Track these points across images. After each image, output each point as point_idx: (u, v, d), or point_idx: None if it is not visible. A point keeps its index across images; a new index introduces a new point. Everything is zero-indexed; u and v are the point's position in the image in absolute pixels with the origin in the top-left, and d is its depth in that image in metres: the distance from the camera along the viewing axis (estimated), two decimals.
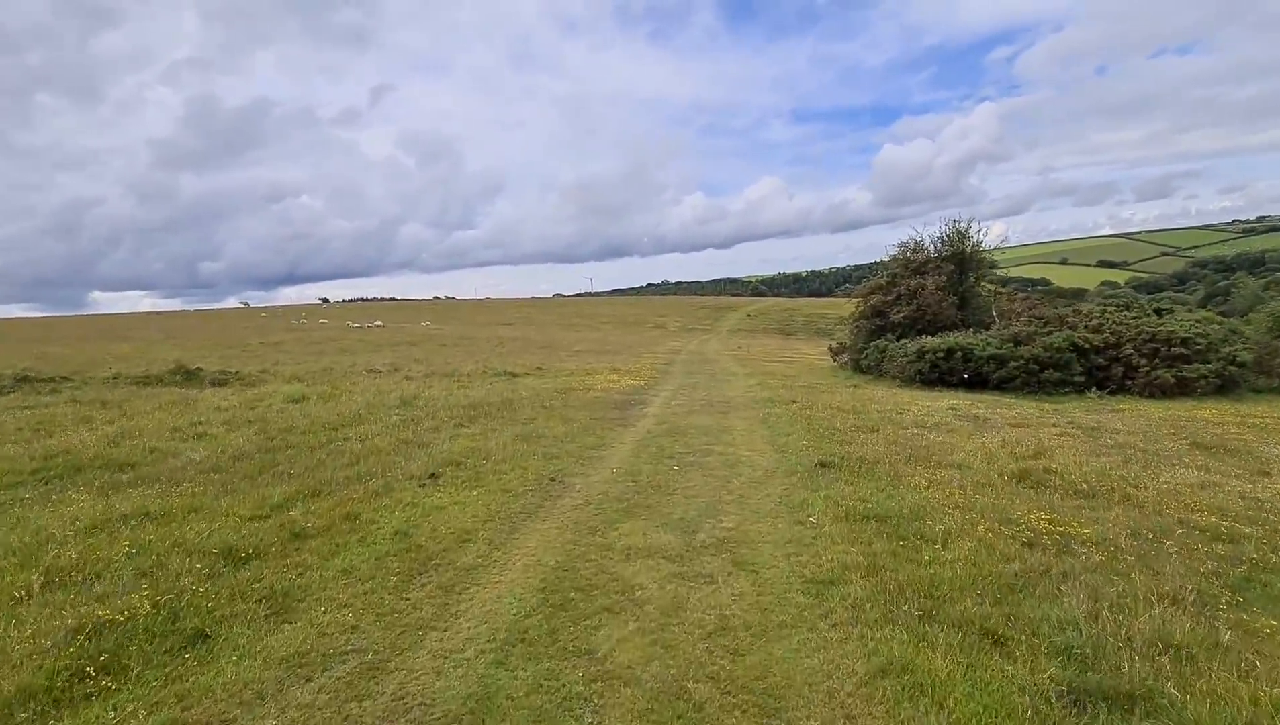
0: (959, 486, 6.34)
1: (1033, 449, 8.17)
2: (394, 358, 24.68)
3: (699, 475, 6.92)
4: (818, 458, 7.58)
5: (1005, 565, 4.17)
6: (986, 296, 21.89)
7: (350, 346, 32.39)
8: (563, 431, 9.32)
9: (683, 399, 13.81)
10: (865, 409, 12.29)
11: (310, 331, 46.18)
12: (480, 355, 27.32)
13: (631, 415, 11.41)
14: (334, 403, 11.70)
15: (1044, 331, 17.83)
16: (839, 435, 9.40)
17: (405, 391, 13.01)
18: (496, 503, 5.74)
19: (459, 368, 19.69)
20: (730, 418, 11.22)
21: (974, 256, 22.01)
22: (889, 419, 11.04)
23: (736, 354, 34.07)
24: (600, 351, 32.27)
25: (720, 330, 62.07)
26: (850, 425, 10.21)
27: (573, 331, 57.11)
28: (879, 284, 22.86)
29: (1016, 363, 16.41)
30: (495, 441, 8.32)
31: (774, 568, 4.35)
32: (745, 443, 8.91)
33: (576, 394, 13.98)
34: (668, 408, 12.43)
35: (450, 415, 10.37)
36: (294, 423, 9.44)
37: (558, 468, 7.15)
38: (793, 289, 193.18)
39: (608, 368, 21.56)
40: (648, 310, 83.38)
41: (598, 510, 5.63)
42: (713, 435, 9.43)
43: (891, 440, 9.04)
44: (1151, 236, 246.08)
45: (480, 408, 11.29)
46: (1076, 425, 10.68)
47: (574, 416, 10.79)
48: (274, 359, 23.80)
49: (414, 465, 6.88)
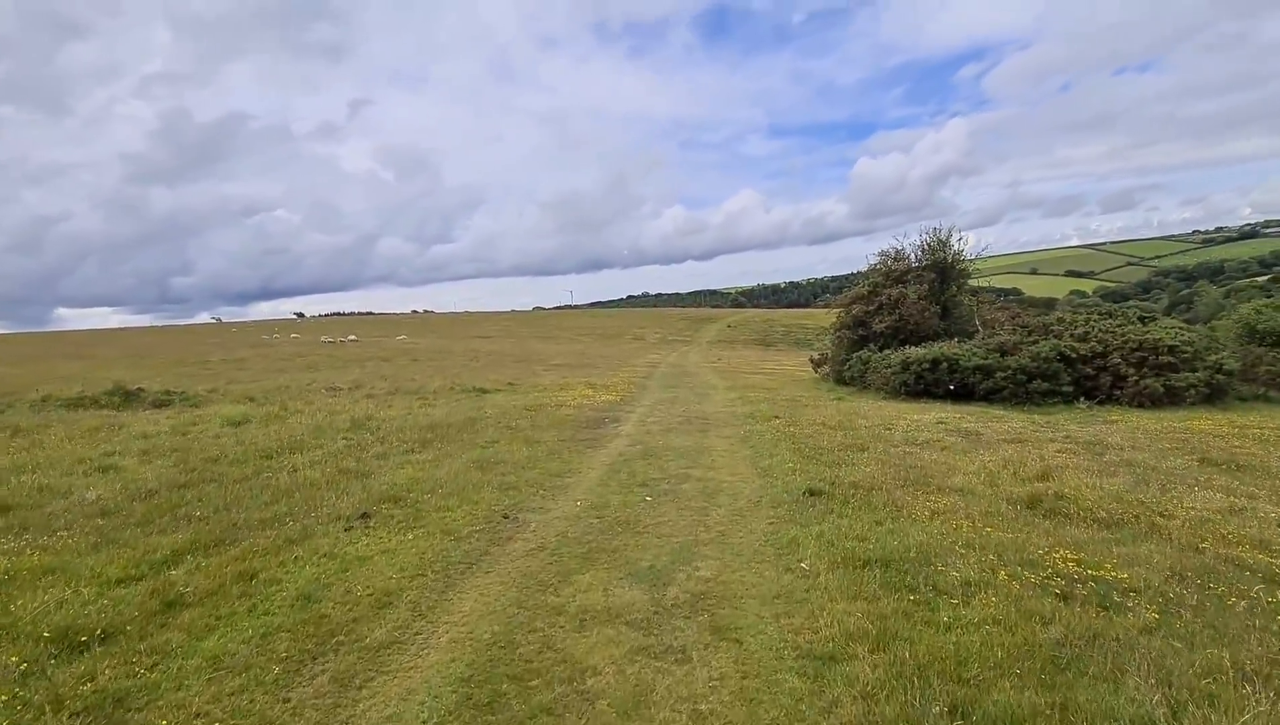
0: (966, 517, 5.61)
1: (1037, 469, 7.50)
2: (360, 374, 23.54)
3: (673, 507, 6.10)
4: (806, 484, 6.81)
5: (1042, 630, 3.41)
6: (969, 306, 21.50)
7: (317, 363, 31.09)
8: (525, 456, 8.44)
9: (659, 415, 13.01)
10: (852, 424, 11.60)
11: (278, 347, 44.59)
12: (452, 370, 26.27)
13: (604, 435, 10.57)
14: (278, 426, 10.68)
15: (1029, 341, 17.41)
16: (827, 455, 8.67)
17: (360, 412, 12.02)
18: (434, 550, 4.85)
19: (426, 384, 18.69)
20: (709, 436, 10.44)
21: (955, 265, 21.64)
22: (878, 436, 10.35)
23: (716, 366, 33.41)
24: (578, 365, 31.39)
25: (700, 342, 61.53)
26: (838, 443, 9.49)
27: (551, 344, 56.09)
28: (860, 293, 22.36)
29: (1004, 373, 15.91)
30: (447, 469, 7.42)
31: (761, 634, 3.54)
32: (726, 466, 8.12)
33: (547, 412, 13.11)
34: (643, 425, 11.62)
35: (403, 439, 9.43)
36: (224, 451, 8.44)
37: (514, 501, 6.28)
38: (771, 300, 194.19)
39: (583, 382, 20.71)
40: (627, 322, 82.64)
41: (553, 557, 4.78)
42: (690, 457, 8.63)
43: (883, 460, 8.32)
44: (1117, 247, 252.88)
45: (439, 429, 10.37)
46: (1074, 440, 10.09)
47: (541, 438, 9.92)
48: (230, 377, 22.52)
49: (346, 502, 5.96)
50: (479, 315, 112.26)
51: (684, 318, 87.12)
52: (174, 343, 54.17)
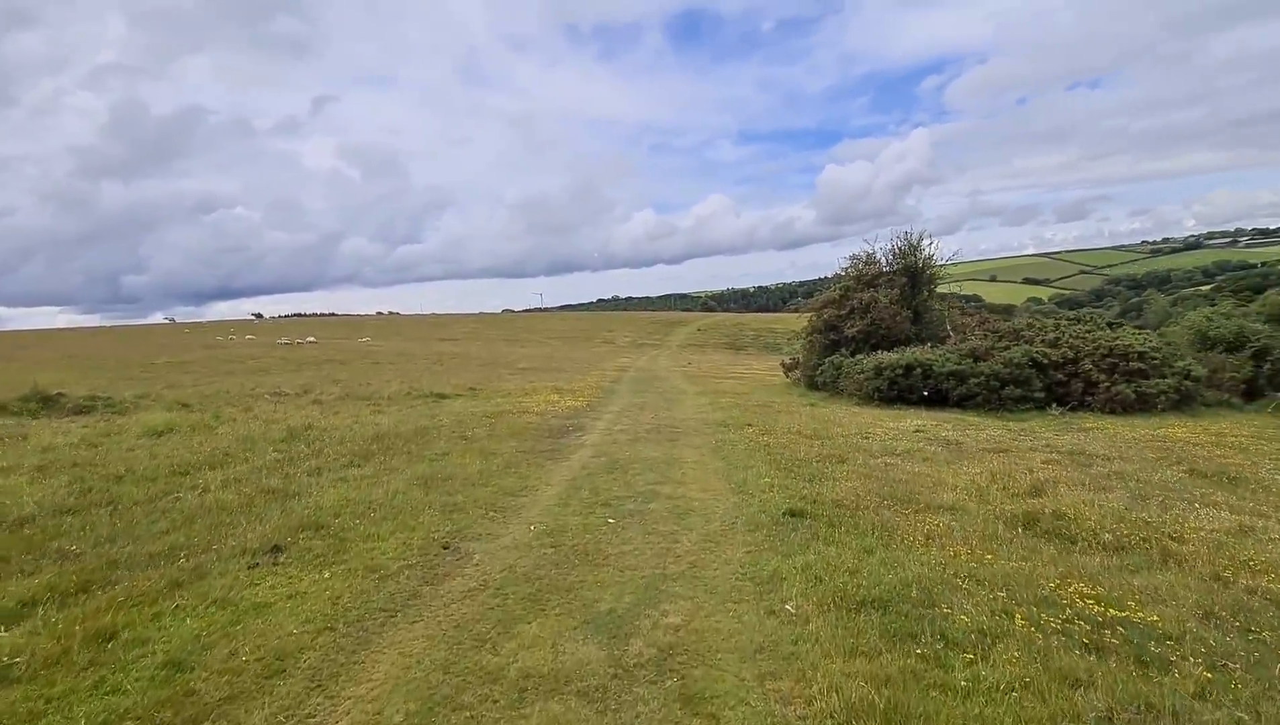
0: (962, 541, 5.06)
1: (1028, 484, 7.04)
2: (312, 378, 22.30)
3: (639, 531, 5.41)
4: (785, 502, 6.20)
5: (1080, 695, 2.83)
6: (940, 310, 21.36)
7: (269, 366, 29.57)
8: (477, 470, 7.66)
9: (627, 423, 12.33)
10: (828, 433, 11.09)
11: (231, 349, 42.59)
12: (412, 374, 25.16)
13: (567, 445, 9.84)
14: (204, 436, 9.67)
15: (1000, 346, 17.25)
16: (805, 468, 8.09)
17: (300, 420, 11.04)
18: (351, 592, 4.07)
19: (380, 389, 17.65)
20: (680, 446, 9.79)
21: (925, 269, 21.49)
22: (856, 446, 9.84)
23: (687, 370, 32.88)
24: (545, 368, 30.51)
25: (670, 345, 61.05)
26: (816, 454, 8.93)
27: (519, 347, 54.90)
28: (832, 297, 22.06)
29: (977, 379, 15.67)
30: (386, 488, 6.60)
31: (743, 706, 2.88)
32: (697, 480, 7.48)
33: (508, 419, 12.30)
34: (610, 434, 10.92)
35: (343, 451, 8.55)
36: (133, 466, 7.45)
37: (458, 526, 5.51)
38: (741, 304, 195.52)
39: (549, 387, 19.90)
40: (597, 325, 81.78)
41: (496, 598, 4.04)
42: (659, 470, 7.96)
43: (865, 474, 7.78)
44: (1071, 256, 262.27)
45: (385, 440, 9.49)
46: (1056, 449, 9.73)
47: (498, 449, 9.14)
48: (171, 381, 21.07)
49: (258, 531, 5.11)
50: (446, 317, 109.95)
51: (654, 321, 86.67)
52: (120, 344, 51.36)
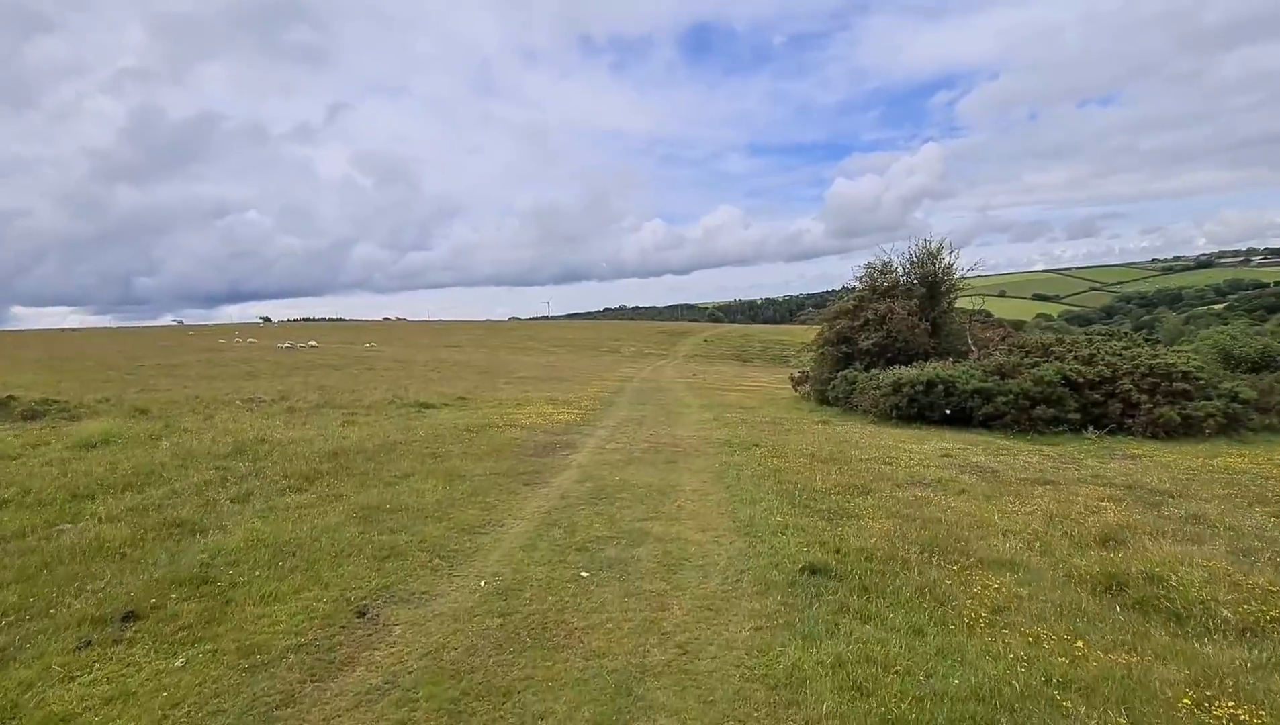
0: (1038, 617, 3.86)
1: (1094, 530, 5.81)
2: (297, 384, 21.24)
3: (618, 592, 4.24)
4: (802, 552, 5.00)
5: None
6: (960, 323, 20.13)
7: (259, 370, 28.56)
8: (437, 499, 6.50)
9: (623, 440, 11.15)
10: (845, 456, 9.88)
11: (227, 352, 41.73)
12: (403, 382, 24.09)
13: (551, 466, 8.67)
14: (143, 449, 8.56)
15: (1028, 362, 16.01)
16: (822, 501, 6.89)
17: (257, 432, 9.92)
18: (201, 695, 2.91)
19: (363, 397, 16.55)
20: (678, 470, 8.61)
21: (945, 279, 20.29)
22: (879, 473, 8.62)
23: (691, 382, 31.69)
24: (545, 378, 29.40)
25: (676, 355, 59.88)
26: (834, 484, 7.72)
27: (522, 356, 53.83)
28: (845, 308, 20.87)
29: (1005, 398, 14.42)
30: (316, 523, 5.45)
31: None
32: (696, 515, 6.29)
33: (491, 434, 11.16)
34: (601, 454, 9.75)
35: (289, 471, 7.40)
36: (30, 487, 6.33)
37: (387, 580, 4.35)
38: (748, 316, 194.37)
39: (544, 398, 18.76)
40: (603, 334, 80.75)
41: (399, 712, 2.87)
42: (651, 502, 6.78)
43: (894, 510, 6.57)
44: (1081, 272, 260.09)
45: (343, 458, 8.36)
46: (1108, 482, 8.47)
47: (468, 471, 7.98)
48: (146, 385, 20.05)
49: (122, 586, 3.96)
50: (452, 324, 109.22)
51: (660, 331, 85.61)
52: (117, 345, 50.58)
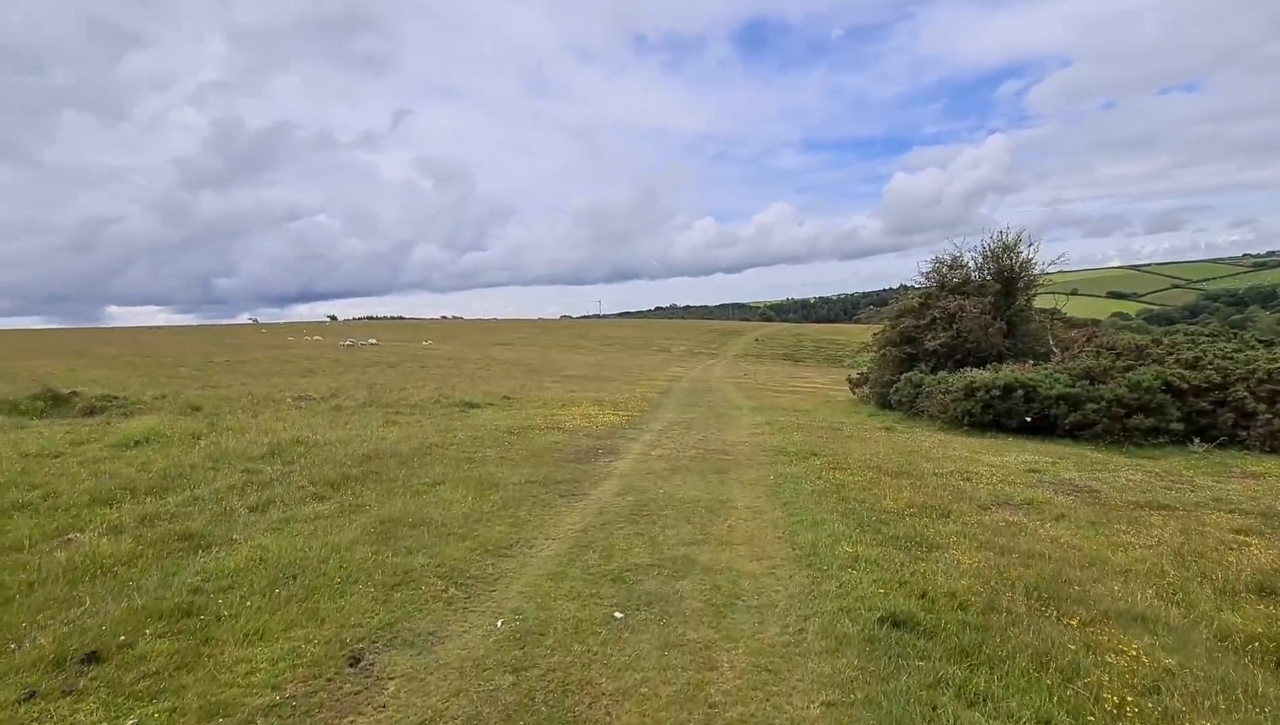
0: (1201, 705, 2.96)
1: (1244, 574, 4.75)
2: (350, 381, 21.48)
3: (655, 642, 3.56)
4: (880, 594, 4.20)
5: None
6: (1039, 323, 18.48)
7: (317, 368, 29.29)
8: (465, 511, 5.98)
9: (669, 446, 10.47)
10: (916, 469, 8.89)
11: (292, 349, 43.32)
12: (454, 379, 24.14)
13: (591, 474, 8.08)
14: (182, 449, 8.44)
15: (1120, 366, 14.43)
16: (895, 525, 6.03)
17: (297, 432, 9.73)
18: None
19: (410, 396, 16.45)
20: (728, 483, 7.86)
21: (1023, 275, 18.67)
22: (958, 491, 7.63)
23: (742, 382, 30.69)
24: (593, 377, 29.04)
25: (726, 355, 58.71)
26: (906, 504, 6.81)
27: (573, 353, 53.86)
28: (910, 306, 19.51)
29: (1095, 405, 12.96)
30: (330, 538, 4.99)
31: None
32: (749, 539, 5.55)
33: (532, 437, 10.68)
34: (645, 461, 9.10)
35: (316, 476, 7.06)
36: (57, 489, 6.16)
37: (394, 615, 3.81)
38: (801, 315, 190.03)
39: (591, 398, 18.27)
40: (653, 333, 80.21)
41: None
42: (699, 521, 6.07)
43: (982, 540, 5.64)
44: (1161, 269, 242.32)
45: (375, 462, 7.99)
46: (1235, 507, 7.21)
47: (503, 478, 7.47)
48: (208, 381, 20.64)
49: (96, 618, 3.54)
50: (506, 322, 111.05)
51: (711, 330, 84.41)
52: (194, 341, 53.42)
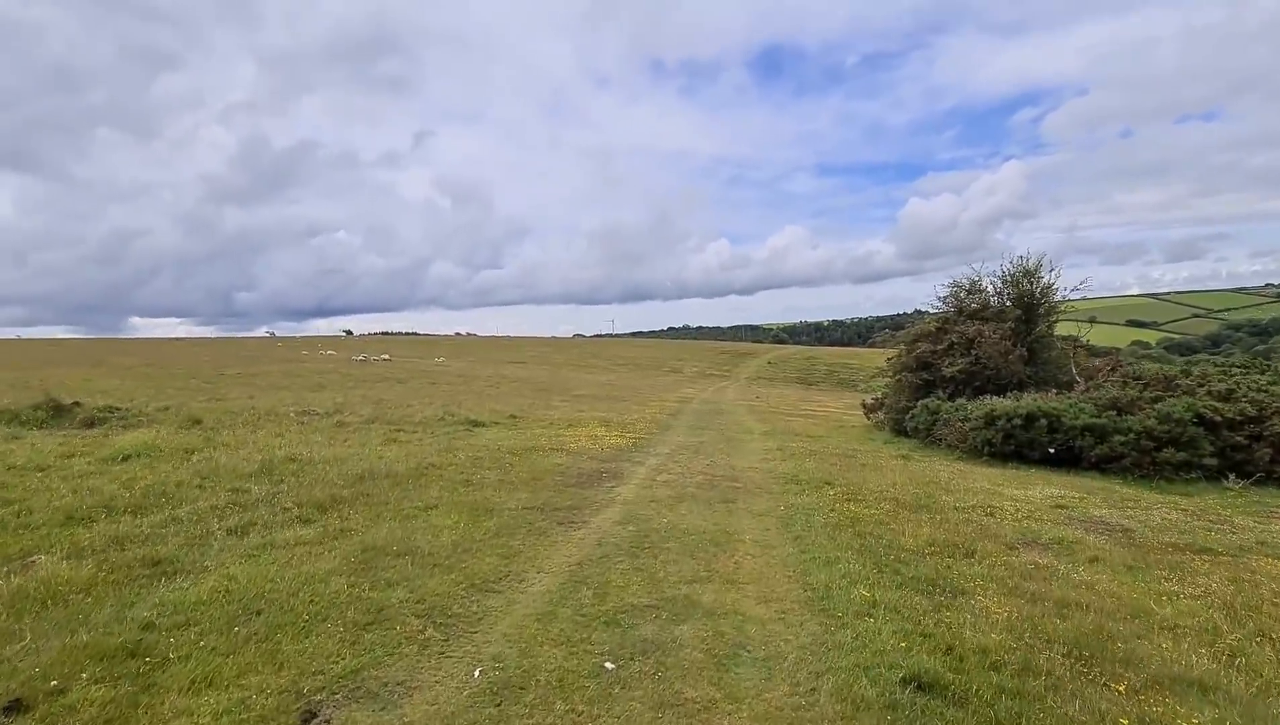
0: None
1: None
2: (357, 397, 21.32)
3: (649, 702, 3.17)
4: (901, 649, 3.78)
5: None
6: (1061, 350, 17.93)
7: (326, 382, 29.23)
8: (453, 540, 5.63)
9: (676, 471, 10.07)
10: (936, 502, 8.42)
11: (305, 363, 43.53)
12: (463, 397, 23.94)
13: (592, 501, 7.70)
14: (172, 465, 8.20)
15: (1148, 397, 13.86)
16: (915, 564, 5.59)
17: (293, 449, 9.46)
18: None
19: (415, 413, 16.19)
20: (736, 513, 7.44)
21: (1044, 300, 18.16)
22: (981, 528, 7.16)
23: (754, 405, 30.21)
24: (602, 397, 28.72)
25: (739, 377, 58.21)
26: (926, 541, 6.37)
27: (584, 372, 53.66)
28: (926, 330, 19.04)
29: (1123, 438, 12.40)
30: (305, 568, 4.66)
31: None
32: (756, 578, 5.14)
33: (534, 458, 10.34)
34: (650, 488, 8.71)
35: (305, 497, 6.75)
36: (32, 506, 5.90)
37: (360, 661, 3.45)
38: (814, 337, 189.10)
39: (598, 419, 17.93)
40: (666, 353, 79.91)
41: None
42: (703, 555, 5.67)
43: (1011, 585, 5.19)
44: (1181, 297, 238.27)
45: (369, 482, 7.68)
46: None
47: (500, 503, 7.12)
48: (215, 394, 20.56)
49: (35, 658, 3.23)
50: (519, 340, 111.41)
51: (723, 351, 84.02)
52: (211, 353, 53.90)
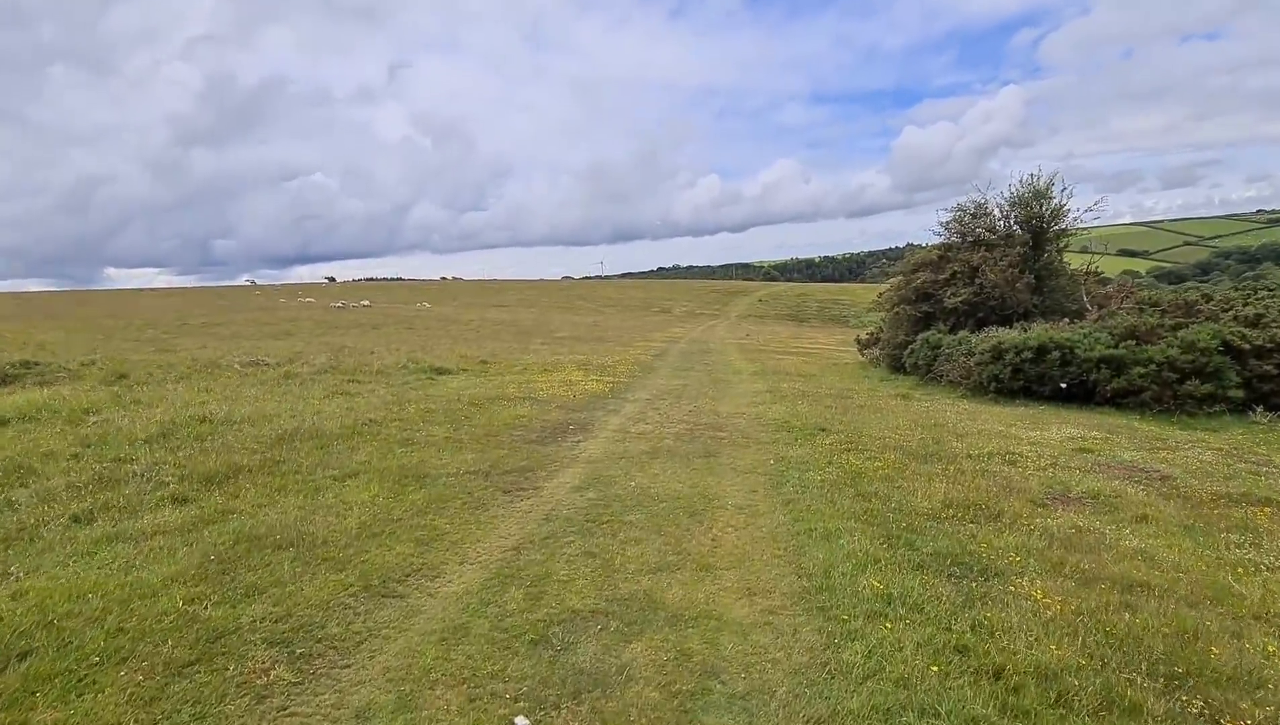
0: None
1: None
2: (321, 344, 20.00)
3: None
4: (936, 683, 2.76)
5: None
6: (1072, 277, 16.73)
7: (298, 329, 27.76)
8: (365, 520, 4.53)
9: (653, 420, 9.00)
10: (947, 450, 7.39)
11: (278, 311, 41.86)
12: (436, 342, 22.66)
13: (551, 459, 6.62)
14: (56, 430, 6.99)
15: (1167, 324, 12.80)
16: (933, 534, 4.57)
17: (206, 409, 8.25)
18: None
19: (375, 361, 14.96)
20: (719, 470, 6.39)
21: (1054, 223, 16.81)
22: (1003, 480, 6.14)
23: (744, 343, 29.14)
24: (586, 338, 27.53)
25: (729, 315, 57.00)
26: (942, 500, 5.34)
27: (570, 314, 52.20)
28: (927, 258, 17.75)
29: (1143, 369, 11.40)
30: (146, 572, 3.55)
31: None
32: (738, 561, 4.10)
33: (495, 409, 9.23)
34: (622, 440, 7.64)
35: (195, 469, 5.60)
36: None
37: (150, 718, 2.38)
38: (805, 275, 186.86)
39: (577, 362, 16.78)
40: (655, 293, 78.30)
41: None
42: (673, 533, 4.61)
43: (1053, 561, 4.17)
44: (1174, 226, 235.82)
45: (286, 445, 6.54)
46: None
47: (437, 467, 6.02)
48: (165, 344, 19.14)
49: None
50: (505, 283, 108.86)
51: (714, 290, 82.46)
52: (181, 303, 51.86)
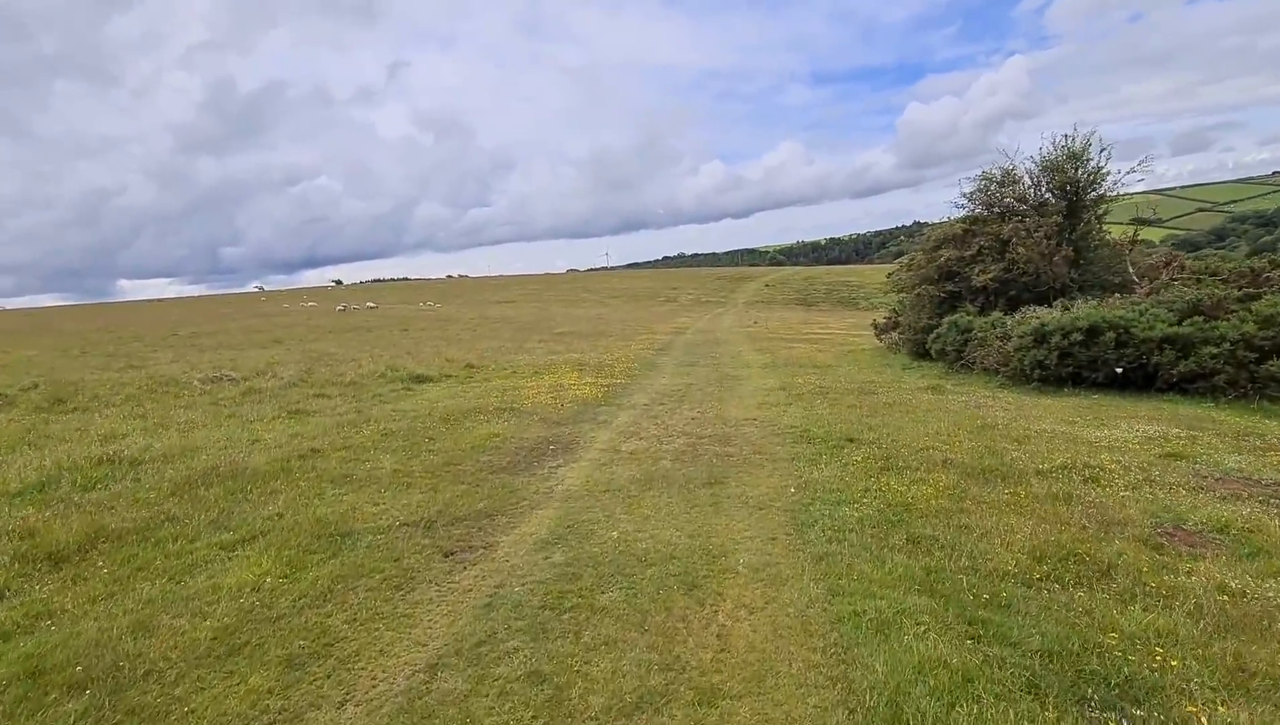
0: None
1: None
2: (299, 352, 18.78)
3: None
4: None
5: None
6: (1114, 248, 15.11)
7: (289, 336, 26.63)
8: (227, 624, 3.22)
9: (650, 433, 7.64)
10: (1006, 463, 5.96)
11: (275, 317, 40.93)
12: (426, 345, 21.43)
13: (519, 499, 5.29)
14: None
15: (1234, 295, 11.22)
16: (1033, 618, 3.18)
17: (115, 447, 7.00)
18: None
19: (350, 372, 13.70)
20: (725, 507, 5.01)
21: (1092, 189, 15.17)
22: (1092, 509, 4.73)
23: (752, 331, 27.67)
24: (587, 333, 26.18)
25: (736, 302, 55.42)
26: (1027, 552, 3.95)
27: (574, 308, 50.91)
28: (952, 233, 16.16)
29: (1214, 349, 9.87)
30: None
31: None
32: (754, 683, 2.73)
33: (469, 426, 7.93)
34: (609, 465, 6.28)
35: (49, 540, 4.32)
36: None
37: None
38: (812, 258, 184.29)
39: (573, 362, 15.46)
40: (661, 282, 76.82)
41: None
42: (662, 625, 3.25)
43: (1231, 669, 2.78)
44: (1187, 192, 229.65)
45: (185, 495, 5.25)
46: None
47: (367, 518, 4.70)
48: (134, 358, 17.96)
49: None
50: (510, 279, 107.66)
51: (720, 277, 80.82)
52: (178, 313, 51.09)
